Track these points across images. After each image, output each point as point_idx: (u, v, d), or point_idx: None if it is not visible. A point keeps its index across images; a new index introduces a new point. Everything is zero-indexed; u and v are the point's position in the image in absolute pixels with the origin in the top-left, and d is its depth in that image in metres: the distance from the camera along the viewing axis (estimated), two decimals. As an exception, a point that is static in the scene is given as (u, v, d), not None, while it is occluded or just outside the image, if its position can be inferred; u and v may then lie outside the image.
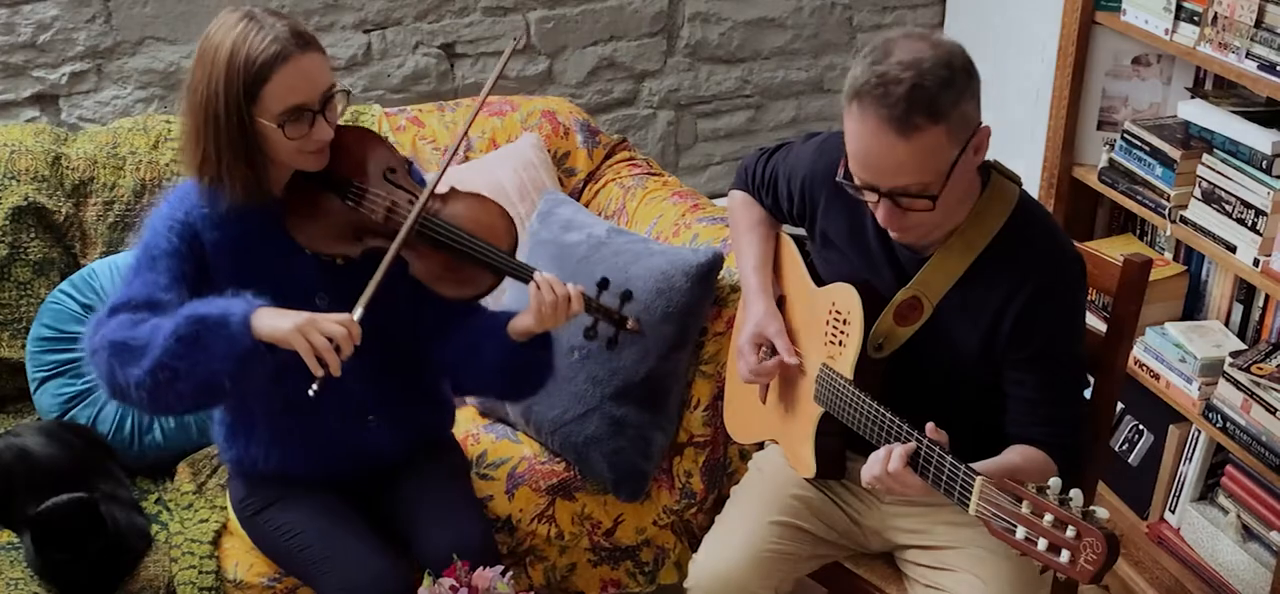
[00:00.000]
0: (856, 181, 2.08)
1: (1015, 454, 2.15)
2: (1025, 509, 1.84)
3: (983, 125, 2.07)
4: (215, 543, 2.61)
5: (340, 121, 2.35)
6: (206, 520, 2.63)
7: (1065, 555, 1.78)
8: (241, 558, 2.60)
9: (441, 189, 2.42)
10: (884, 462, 2.05)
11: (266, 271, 2.35)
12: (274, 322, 2.17)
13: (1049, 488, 1.83)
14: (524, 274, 2.36)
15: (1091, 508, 1.79)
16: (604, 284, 2.41)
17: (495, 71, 2.39)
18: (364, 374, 2.41)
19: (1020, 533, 1.84)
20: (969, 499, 1.93)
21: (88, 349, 2.27)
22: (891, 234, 2.15)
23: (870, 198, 2.09)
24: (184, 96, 2.28)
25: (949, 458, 1.99)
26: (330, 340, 2.16)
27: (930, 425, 2.04)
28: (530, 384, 2.51)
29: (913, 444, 2.05)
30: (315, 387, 2.16)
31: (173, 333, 2.17)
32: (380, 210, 2.36)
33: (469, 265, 2.37)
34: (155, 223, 2.34)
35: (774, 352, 2.40)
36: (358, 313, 2.20)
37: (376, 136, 2.47)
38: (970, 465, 1.95)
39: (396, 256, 2.29)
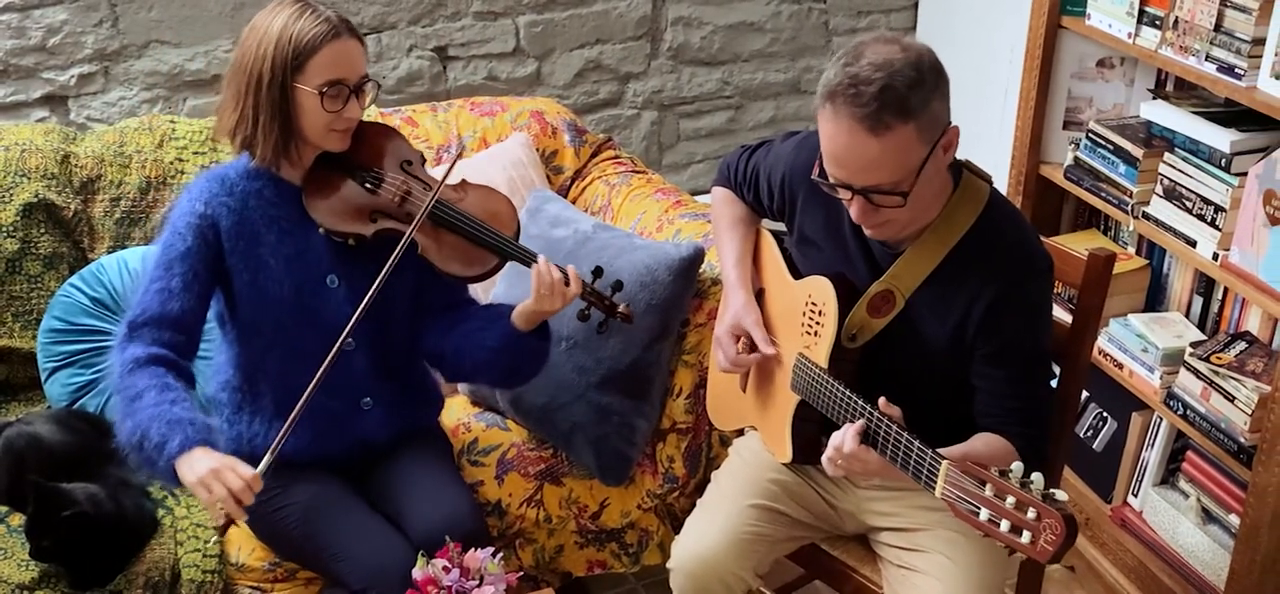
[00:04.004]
0: (831, 179, 2.10)
1: (979, 441, 2.16)
2: (988, 492, 1.85)
3: (952, 125, 2.09)
4: (219, 528, 2.62)
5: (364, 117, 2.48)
6: (212, 507, 2.68)
7: (1026, 536, 1.79)
8: (245, 543, 2.63)
9: (454, 180, 2.53)
10: (839, 447, 2.09)
11: (281, 254, 2.45)
12: (186, 471, 2.23)
13: (1011, 471, 1.83)
14: (527, 257, 2.47)
15: (1051, 490, 1.80)
16: (598, 272, 2.53)
17: (447, 168, 2.50)
18: (365, 360, 2.51)
19: (983, 515, 1.85)
20: (935, 482, 1.94)
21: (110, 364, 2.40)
22: (865, 230, 2.17)
23: (844, 195, 2.11)
24: (229, 69, 2.41)
25: (905, 434, 2.00)
26: (230, 491, 2.21)
27: (882, 400, 2.06)
28: (526, 369, 2.58)
29: (862, 422, 2.08)
30: (220, 522, 2.27)
31: (135, 428, 2.27)
32: (396, 195, 2.48)
33: (476, 247, 2.49)
34: (175, 220, 2.43)
35: (753, 344, 2.42)
36: (263, 464, 2.24)
37: (396, 132, 2.59)
38: (936, 450, 1.96)
39: (409, 241, 2.38)
